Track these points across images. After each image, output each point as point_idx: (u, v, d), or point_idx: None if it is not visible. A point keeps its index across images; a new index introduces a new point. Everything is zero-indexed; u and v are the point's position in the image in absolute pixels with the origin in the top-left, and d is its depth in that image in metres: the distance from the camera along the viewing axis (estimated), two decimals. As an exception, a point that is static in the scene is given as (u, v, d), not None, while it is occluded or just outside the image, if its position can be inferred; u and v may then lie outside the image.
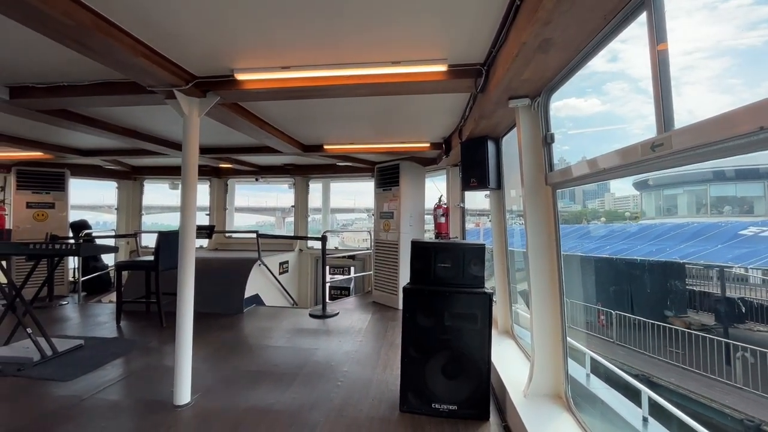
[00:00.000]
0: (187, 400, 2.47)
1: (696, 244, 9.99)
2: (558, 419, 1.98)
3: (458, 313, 2.35)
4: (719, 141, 0.98)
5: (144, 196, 7.65)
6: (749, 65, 18.66)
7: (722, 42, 20.01)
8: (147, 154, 5.15)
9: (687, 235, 10.69)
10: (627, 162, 1.44)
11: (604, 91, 27.58)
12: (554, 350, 2.20)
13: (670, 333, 8.62)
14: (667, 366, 8.24)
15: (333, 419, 2.32)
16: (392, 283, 5.15)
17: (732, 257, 8.77)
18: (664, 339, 8.69)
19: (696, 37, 20.07)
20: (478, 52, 2.15)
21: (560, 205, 2.26)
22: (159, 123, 3.93)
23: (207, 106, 2.62)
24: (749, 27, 18.62)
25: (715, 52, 20.55)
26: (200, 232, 5.04)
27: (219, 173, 7.26)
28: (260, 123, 3.60)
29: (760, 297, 9.52)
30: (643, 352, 8.90)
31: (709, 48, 20.80)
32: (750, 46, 18.13)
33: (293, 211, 7.35)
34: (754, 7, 18.24)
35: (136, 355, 3.36)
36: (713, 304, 9.92)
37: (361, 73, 2.37)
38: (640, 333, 9.16)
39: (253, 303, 5.14)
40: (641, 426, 3.91)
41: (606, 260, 10.94)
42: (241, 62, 2.34)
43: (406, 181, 5.19)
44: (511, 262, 3.54)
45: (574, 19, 1.38)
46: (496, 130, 3.07)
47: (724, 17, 20.03)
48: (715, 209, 15.03)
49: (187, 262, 2.50)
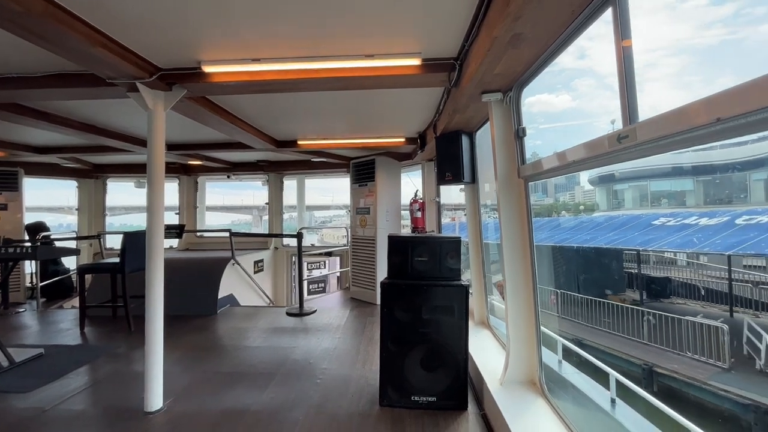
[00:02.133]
0: (158, 406, 2.38)
1: (620, 233, 11.97)
2: (533, 405, 2.04)
3: (436, 306, 2.38)
4: (680, 132, 1.02)
5: (108, 195, 7.29)
6: (705, 63, 19.86)
7: (681, 41, 21.15)
8: (109, 151, 4.89)
9: (616, 225, 12.67)
10: (594, 154, 1.49)
11: (573, 87, 28.58)
12: (528, 338, 2.26)
13: (607, 307, 10.36)
14: (599, 332, 10.16)
15: (312, 417, 2.30)
16: (370, 278, 5.14)
17: (640, 242, 10.89)
18: (600, 312, 10.46)
19: (657, 36, 21.14)
20: (451, 46, 2.16)
21: (533, 198, 2.32)
22: (121, 118, 3.74)
23: (173, 99, 2.51)
24: (705, 27, 19.76)
25: (675, 50, 21.72)
26: (169, 232, 4.86)
27: (188, 170, 7.00)
28: (231, 118, 3.49)
29: (685, 276, 11.99)
30: (582, 322, 10.70)
31: (670, 46, 21.95)
32: (706, 45, 19.28)
33: (255, 209, 7.21)
34: (709, 8, 19.34)
35: (103, 362, 3.21)
36: (645, 283, 11.87)
37: (334, 67, 2.33)
38: (583, 308, 10.94)
39: (228, 303, 5.01)
40: (609, 407, 4.11)
41: (555, 248, 12.55)
42: (209, 54, 2.25)
43: (382, 176, 5.18)
44: (486, 255, 3.61)
45: (543, 13, 1.41)
46: (470, 124, 3.11)
47: (683, 17, 21.16)
48: (656, 202, 17.52)
49: (154, 263, 2.40)
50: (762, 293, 9.69)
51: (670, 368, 8.02)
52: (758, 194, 14.31)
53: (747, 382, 7.05)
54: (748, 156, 14.35)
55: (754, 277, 10.13)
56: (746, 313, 9.45)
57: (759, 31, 16.85)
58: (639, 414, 3.94)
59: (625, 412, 4.01)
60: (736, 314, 9.47)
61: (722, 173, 15.76)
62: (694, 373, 7.66)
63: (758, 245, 8.30)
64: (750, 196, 14.64)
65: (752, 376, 7.25)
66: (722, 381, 7.20)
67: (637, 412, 3.99)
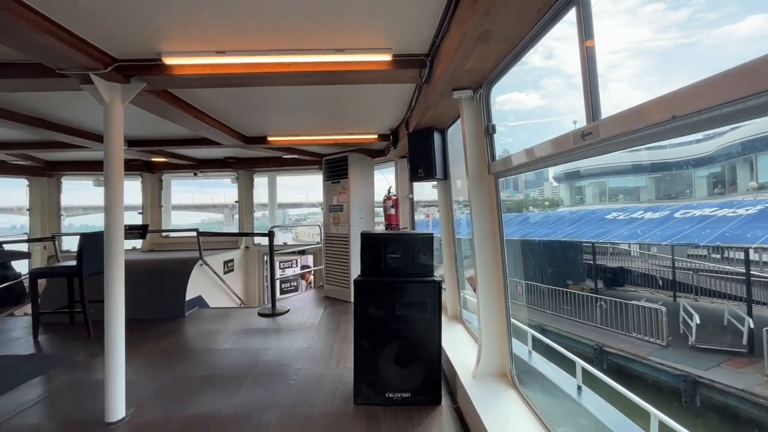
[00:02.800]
0: (120, 416, 2.26)
1: (577, 226, 12.97)
2: (504, 396, 2.09)
3: (409, 303, 2.39)
4: (639, 129, 1.06)
5: (64, 194, 6.85)
6: (663, 65, 21.06)
7: (641, 43, 22.29)
8: (64, 147, 4.59)
9: (574, 220, 13.67)
10: (561, 150, 1.53)
11: (541, 86, 29.52)
12: (499, 331, 2.31)
13: (567, 296, 11.30)
14: (560, 318, 11.04)
15: (286, 419, 2.25)
16: (344, 276, 5.10)
17: (593, 235, 11.98)
18: (562, 300, 11.40)
19: (620, 38, 22.20)
20: (422, 42, 2.15)
21: (504, 194, 2.37)
22: (76, 111, 3.51)
23: (132, 92, 2.37)
24: (662, 30, 20.91)
25: (635, 52, 22.86)
26: (131, 233, 4.62)
27: (151, 168, 6.68)
28: (196, 112, 3.35)
29: (637, 266, 13.23)
30: (545, 311, 11.56)
31: (631, 48, 23.08)
32: (663, 48, 20.44)
33: (227, 207, 7.01)
34: (666, 12, 20.47)
35: (60, 372, 3.02)
36: (602, 273, 13.22)
37: (303, 61, 2.27)
38: (546, 297, 11.86)
39: (196, 305, 4.84)
40: (576, 394, 4.29)
41: (521, 242, 13.41)
42: (170, 45, 2.14)
43: (355, 173, 5.14)
44: (459, 250, 3.66)
45: (511, 11, 1.42)
46: (442, 121, 3.13)
47: (642, 20, 22.29)
48: (614, 197, 19.26)
49: (114, 265, 2.27)
50: (701, 279, 10.82)
51: (618, 347, 8.88)
52: (701, 189, 16.05)
53: (680, 356, 7.99)
54: (693, 155, 16.16)
55: (695, 265, 11.41)
56: (687, 298, 10.48)
57: (711, 36, 18.05)
58: (602, 398, 4.15)
59: (590, 398, 4.20)
60: (679, 299, 10.49)
61: (671, 171, 17.65)
62: (637, 351, 8.49)
63: (690, 236, 9.31)
64: (694, 191, 16.42)
65: (685, 351, 8.19)
66: (660, 356, 8.09)
67: (600, 397, 4.19)
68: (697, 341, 8.28)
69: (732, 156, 14.05)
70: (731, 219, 9.19)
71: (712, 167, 15.61)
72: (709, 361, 7.59)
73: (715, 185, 15.64)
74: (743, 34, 16.30)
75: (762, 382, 6.61)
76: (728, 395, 6.68)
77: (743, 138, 13.33)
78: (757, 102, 0.75)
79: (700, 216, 10.12)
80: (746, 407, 6.40)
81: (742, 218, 9.05)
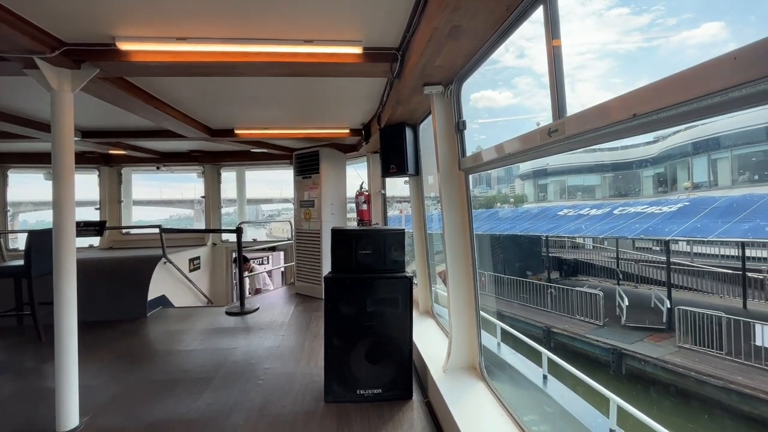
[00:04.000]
0: (74, 425, 2.12)
1: (533, 222, 14.31)
2: (472, 389, 2.12)
3: (380, 299, 2.37)
4: (602, 127, 1.09)
5: (11, 189, 6.35)
6: (627, 67, 22.13)
7: (606, 45, 23.27)
8: (7, 137, 4.24)
9: (530, 216, 15.14)
10: (529, 147, 1.55)
11: (513, 85, 30.23)
12: (469, 325, 2.35)
13: (525, 285, 12.49)
14: (518, 305, 12.17)
15: (254, 420, 2.19)
16: (315, 273, 5.03)
17: (545, 230, 13.24)
18: (520, 289, 12.54)
19: (587, 40, 23.09)
20: (393, 36, 2.13)
21: (477, 190, 2.40)
22: (21, 99, 3.24)
23: (83, 79, 2.21)
24: (626, 34, 21.92)
25: (602, 53, 23.84)
26: (87, 230, 4.35)
27: (109, 161, 6.30)
28: (156, 103, 3.17)
29: (590, 258, 14.88)
30: (506, 298, 12.75)
31: (597, 50, 24.05)
32: (627, 51, 21.46)
33: (196, 203, 6.75)
34: (630, 17, 21.44)
35: (6, 379, 2.81)
36: (558, 264, 14.78)
37: (271, 51, 2.19)
38: (506, 287, 12.99)
39: (160, 305, 4.63)
40: (542, 383, 4.46)
41: (486, 236, 14.44)
42: (125, 29, 2.00)
43: (327, 168, 5.07)
44: (430, 245, 3.69)
45: (480, 7, 1.43)
46: (414, 116, 3.12)
47: (608, 23, 23.24)
48: (572, 195, 20.96)
49: (64, 264, 2.11)
50: (640, 269, 12.54)
51: (562, 328, 10.15)
52: (648, 188, 18.07)
53: (613, 333, 9.38)
54: (640, 156, 18.26)
55: (635, 256, 13.13)
56: (629, 285, 12.04)
57: (670, 41, 19.12)
58: (566, 386, 4.34)
59: (554, 386, 4.38)
60: (623, 286, 11.83)
61: (622, 171, 19.78)
62: (578, 330, 9.75)
63: (622, 230, 10.83)
64: (642, 190, 18.39)
65: (617, 329, 9.58)
66: (596, 334, 9.42)
67: (564, 385, 4.38)
68: (627, 321, 9.65)
69: (673, 158, 16.02)
70: (656, 216, 10.54)
71: (657, 168, 17.63)
72: (634, 337, 8.89)
73: (660, 184, 17.74)
74: (699, 40, 17.38)
75: (672, 352, 7.96)
76: (646, 363, 8.00)
77: (682, 142, 15.19)
78: (710, 102, 0.77)
79: (634, 213, 11.41)
80: (659, 372, 7.78)
81: (664, 215, 10.40)
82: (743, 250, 9.31)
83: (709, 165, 14.09)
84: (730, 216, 8.62)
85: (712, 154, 13.96)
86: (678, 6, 19.06)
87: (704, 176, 14.48)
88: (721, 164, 13.66)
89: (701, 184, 14.39)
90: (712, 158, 13.98)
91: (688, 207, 10.22)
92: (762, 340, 6.83)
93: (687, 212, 9.86)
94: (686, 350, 7.83)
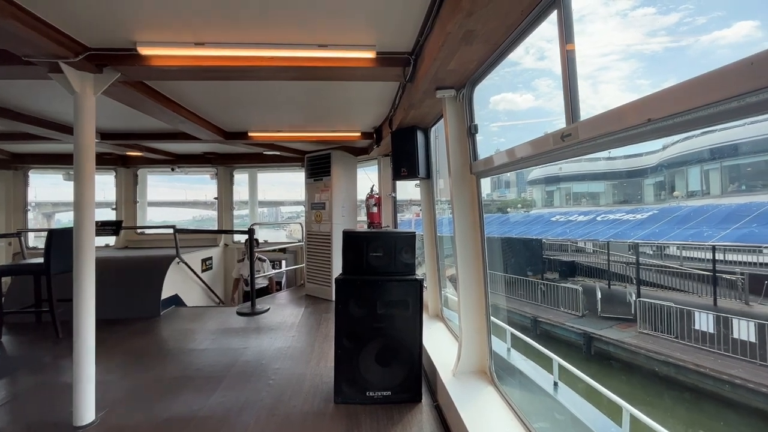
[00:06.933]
0: (90, 419, 2.18)
1: (529, 226, 15.80)
2: (483, 393, 2.11)
3: (390, 301, 2.38)
4: (617, 131, 1.08)
5: (32, 189, 6.55)
6: (653, 68, 21.74)
7: (631, 46, 22.93)
8: (31, 138, 4.38)
9: (528, 221, 16.68)
10: (541, 151, 1.55)
11: (534, 87, 29.93)
12: (479, 329, 2.34)
13: (522, 282, 13.81)
14: (515, 300, 13.50)
15: (264, 419, 2.22)
16: (325, 274, 5.06)
17: (537, 233, 14.72)
18: (517, 287, 13.84)
19: (610, 41, 22.73)
20: (406, 40, 2.15)
21: (496, 194, 2.39)
22: (45, 101, 3.35)
23: (104, 83, 2.28)
24: (652, 34, 21.48)
25: (626, 54, 23.43)
26: (104, 229, 4.45)
27: (126, 162, 6.45)
28: (173, 106, 3.25)
29: (587, 260, 15.99)
30: (504, 294, 13.95)
31: (621, 51, 23.66)
32: (653, 52, 21.09)
33: (216, 203, 6.84)
34: (657, 17, 21.00)
35: (25, 374, 2.88)
36: (557, 265, 16.08)
37: (286, 55, 2.23)
38: (506, 285, 14.33)
39: (172, 304, 4.71)
40: (552, 390, 4.39)
41: (494, 239, 15.43)
42: (146, 35, 2.06)
43: (338, 170, 5.11)
44: (441, 248, 3.68)
45: (494, 11, 1.43)
46: (425, 120, 3.14)
47: (633, 24, 22.83)
48: (576, 201, 22.11)
49: (84, 262, 2.17)
50: (627, 269, 13.67)
51: (547, 318, 11.74)
52: (649, 196, 19.07)
53: (589, 322, 10.90)
54: (642, 165, 19.15)
55: (624, 258, 14.09)
56: (620, 285, 13.27)
57: (700, 41, 18.66)
58: (578, 395, 4.26)
59: (565, 394, 4.30)
60: (613, 286, 13.32)
61: (624, 179, 20.72)
62: (560, 320, 11.32)
63: (598, 234, 12.39)
64: (643, 197, 19.43)
65: (594, 319, 11.10)
66: (575, 323, 10.96)
67: (576, 393, 4.30)
68: (603, 312, 11.30)
69: (672, 167, 16.88)
70: (628, 222, 12.17)
71: (657, 177, 18.59)
72: (605, 325, 10.58)
73: (661, 192, 18.53)
74: (731, 40, 16.88)
75: (632, 336, 9.68)
76: (609, 344, 9.79)
77: (680, 153, 15.90)
78: (726, 107, 0.77)
79: (611, 219, 13.06)
80: (619, 352, 9.58)
81: (633, 222, 12.00)
82: (714, 254, 10.44)
83: (701, 175, 14.98)
84: (684, 223, 10.36)
85: (704, 165, 14.77)
86: (708, 4, 18.47)
87: (697, 185, 15.45)
88: (713, 175, 14.31)
89: (695, 192, 15.27)
90: (704, 169, 14.83)
91: (656, 215, 11.79)
92: (699, 324, 8.65)
93: (653, 219, 11.57)
94: (644, 335, 9.61)
